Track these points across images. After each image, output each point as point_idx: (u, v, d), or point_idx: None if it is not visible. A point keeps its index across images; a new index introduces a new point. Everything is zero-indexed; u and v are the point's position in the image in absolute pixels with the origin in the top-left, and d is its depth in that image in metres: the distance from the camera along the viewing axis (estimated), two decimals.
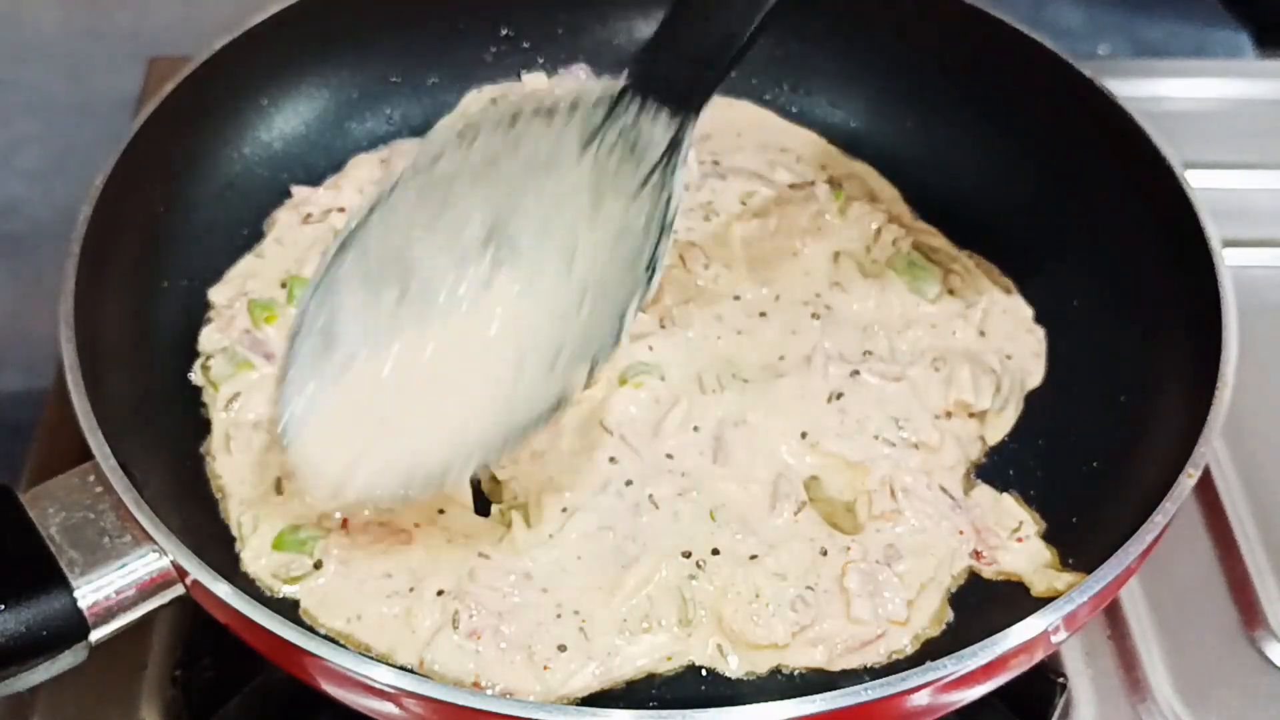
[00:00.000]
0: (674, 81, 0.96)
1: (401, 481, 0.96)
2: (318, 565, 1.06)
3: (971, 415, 1.19)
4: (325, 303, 0.98)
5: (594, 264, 0.98)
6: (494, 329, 0.98)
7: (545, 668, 1.01)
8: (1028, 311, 1.27)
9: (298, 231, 1.30)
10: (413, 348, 0.98)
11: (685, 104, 0.96)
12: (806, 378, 1.19)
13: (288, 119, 1.37)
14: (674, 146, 0.96)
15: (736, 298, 1.26)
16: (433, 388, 0.98)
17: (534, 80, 1.44)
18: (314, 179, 1.36)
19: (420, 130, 1.42)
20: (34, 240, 1.64)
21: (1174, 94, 1.67)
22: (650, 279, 0.96)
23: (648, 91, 0.97)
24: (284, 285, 1.25)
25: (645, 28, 1.48)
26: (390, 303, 0.98)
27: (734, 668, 1.04)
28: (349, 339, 0.98)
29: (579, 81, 1.44)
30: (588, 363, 0.95)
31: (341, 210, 1.31)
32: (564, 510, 1.10)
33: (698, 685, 1.03)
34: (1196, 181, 1.16)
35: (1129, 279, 1.22)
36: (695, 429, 1.15)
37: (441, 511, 1.10)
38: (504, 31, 1.46)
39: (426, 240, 0.99)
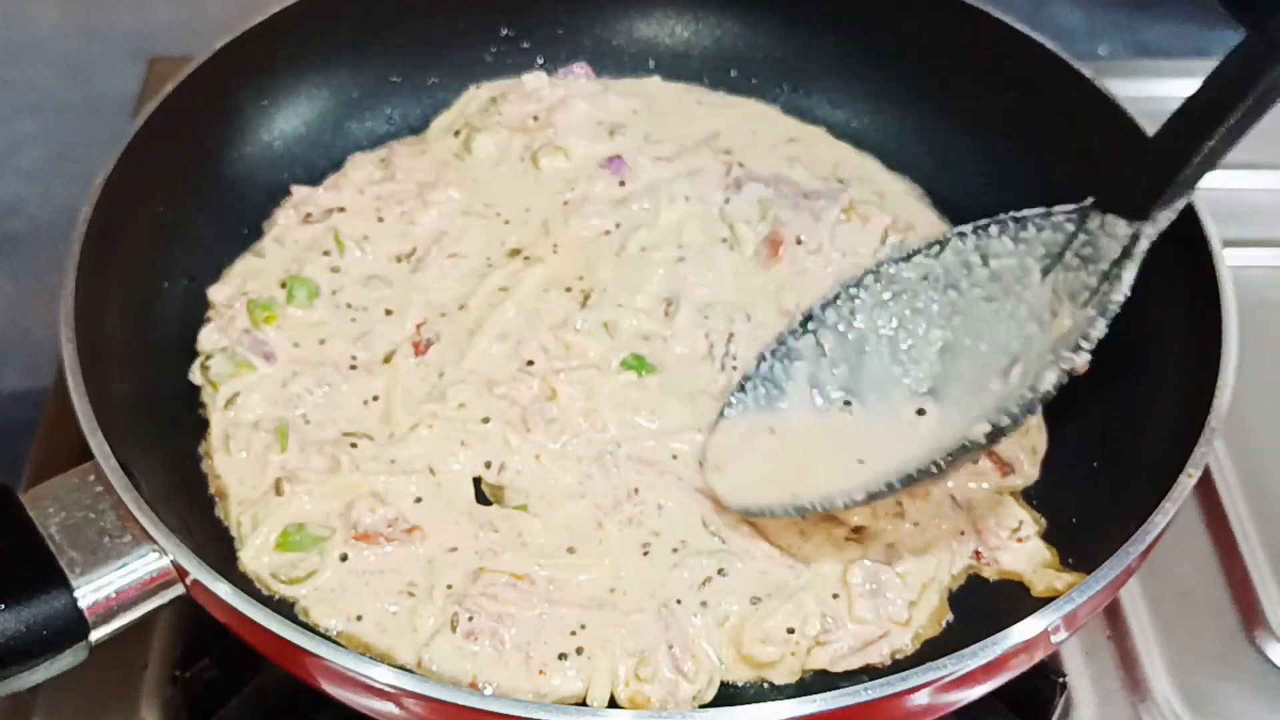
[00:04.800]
0: (1134, 193, 1.02)
1: (798, 506, 1.05)
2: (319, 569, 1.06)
3: None
4: (778, 364, 1.13)
5: (1030, 364, 1.05)
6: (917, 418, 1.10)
7: (541, 672, 1.01)
8: None
9: (298, 231, 1.30)
10: (841, 426, 1.11)
11: (1143, 212, 1.01)
12: None
13: (288, 119, 1.37)
14: (1128, 248, 1.01)
15: None
16: (844, 449, 1.10)
17: (534, 80, 1.43)
18: (314, 179, 1.36)
19: (419, 129, 1.42)
20: (34, 240, 1.64)
21: (1174, 94, 1.66)
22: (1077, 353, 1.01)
23: (1108, 207, 1.03)
24: (284, 285, 1.24)
25: (645, 28, 1.48)
26: (835, 392, 1.13)
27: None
28: (789, 405, 1.12)
29: (579, 81, 1.44)
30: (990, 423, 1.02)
31: (342, 210, 1.31)
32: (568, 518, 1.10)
33: None
34: None
35: None
36: (699, 430, 1.15)
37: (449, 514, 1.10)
38: (504, 31, 1.46)
39: (879, 350, 1.13)
